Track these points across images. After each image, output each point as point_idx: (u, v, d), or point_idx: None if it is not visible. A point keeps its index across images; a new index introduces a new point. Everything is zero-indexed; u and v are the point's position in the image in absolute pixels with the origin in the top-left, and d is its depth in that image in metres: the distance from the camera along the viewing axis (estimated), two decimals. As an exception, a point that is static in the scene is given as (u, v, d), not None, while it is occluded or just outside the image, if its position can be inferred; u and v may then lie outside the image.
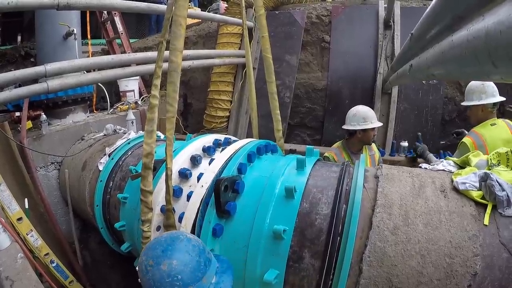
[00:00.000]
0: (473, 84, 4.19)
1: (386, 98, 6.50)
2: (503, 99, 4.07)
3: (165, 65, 2.67)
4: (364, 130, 4.23)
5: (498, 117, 4.14)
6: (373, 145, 4.59)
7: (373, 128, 4.27)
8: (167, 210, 2.55)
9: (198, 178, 2.76)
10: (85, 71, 4.82)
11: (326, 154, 4.32)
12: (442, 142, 6.23)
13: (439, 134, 6.48)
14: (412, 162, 5.24)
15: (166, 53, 2.61)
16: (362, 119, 4.23)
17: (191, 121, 8.94)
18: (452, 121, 6.63)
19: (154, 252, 1.59)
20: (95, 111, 6.56)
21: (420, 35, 2.91)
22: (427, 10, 2.33)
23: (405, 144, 5.54)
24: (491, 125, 3.97)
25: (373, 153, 4.53)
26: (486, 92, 4.03)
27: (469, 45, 1.64)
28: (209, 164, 2.89)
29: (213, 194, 2.38)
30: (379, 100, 6.48)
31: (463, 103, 4.40)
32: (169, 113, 2.46)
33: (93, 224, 4.24)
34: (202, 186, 2.60)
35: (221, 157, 2.84)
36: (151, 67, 5.00)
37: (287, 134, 7.47)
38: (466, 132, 4.44)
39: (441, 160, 2.72)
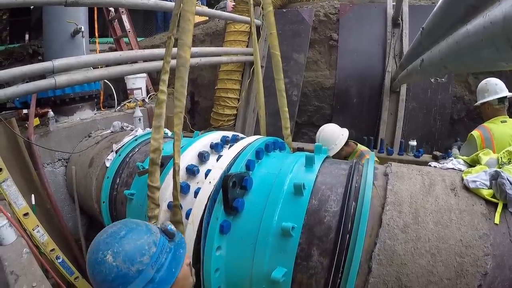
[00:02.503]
0: (479, 85, 4.38)
1: (394, 97, 6.47)
2: (509, 94, 4.19)
3: (173, 62, 2.67)
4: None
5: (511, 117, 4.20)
6: (367, 157, 4.45)
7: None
8: (174, 206, 2.53)
9: (206, 175, 2.75)
10: (91, 68, 4.83)
11: None
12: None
13: (447, 133, 6.45)
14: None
15: (174, 50, 2.60)
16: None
17: (198, 119, 8.97)
18: (460, 120, 6.60)
19: (95, 247, 1.53)
20: (102, 109, 6.58)
21: (431, 29, 2.88)
22: (439, 2, 2.30)
23: (413, 143, 5.50)
24: (502, 122, 4.07)
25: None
26: (488, 90, 4.20)
27: (486, 32, 1.62)
28: (217, 160, 2.88)
29: (221, 190, 2.36)
30: (387, 99, 6.46)
31: (474, 104, 4.64)
32: (177, 108, 2.45)
33: (99, 220, 4.24)
34: (210, 182, 2.59)
35: (229, 153, 2.82)
36: (158, 63, 5.01)
37: (294, 132, 7.47)
38: None
39: (450, 158, 2.70)
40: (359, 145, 4.69)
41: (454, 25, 2.22)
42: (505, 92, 4.12)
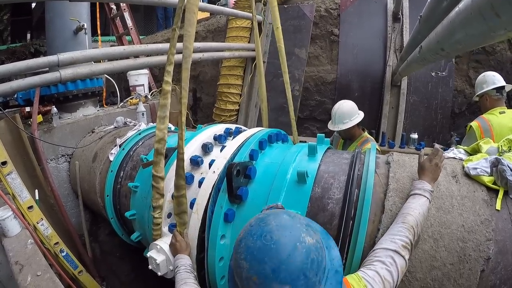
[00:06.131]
0: (477, 79, 4.41)
1: (395, 91, 6.47)
2: (506, 84, 4.20)
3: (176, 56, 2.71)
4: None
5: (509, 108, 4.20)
6: (369, 144, 4.40)
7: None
8: (179, 196, 2.55)
9: (210, 165, 2.77)
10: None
11: None
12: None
13: (448, 127, 6.45)
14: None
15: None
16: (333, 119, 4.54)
17: (201, 115, 9.00)
18: (461, 113, 6.60)
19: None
20: (105, 106, 6.61)
21: (428, 15, 2.94)
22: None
23: (414, 136, 5.51)
24: (500, 112, 4.06)
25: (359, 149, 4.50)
26: (486, 81, 4.23)
27: (473, 5, 1.68)
28: (221, 151, 2.90)
29: (225, 179, 2.39)
30: (388, 93, 6.46)
31: (473, 98, 4.62)
32: (184, 98, 2.47)
33: (103, 215, 4.26)
34: (214, 172, 2.61)
35: (232, 144, 2.85)
36: (162, 58, 5.02)
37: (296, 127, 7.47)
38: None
39: (451, 148, 2.72)
40: (366, 131, 4.70)
41: (448, 8, 2.27)
42: (503, 82, 4.15)
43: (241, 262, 1.36)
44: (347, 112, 4.40)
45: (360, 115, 4.45)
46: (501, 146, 2.43)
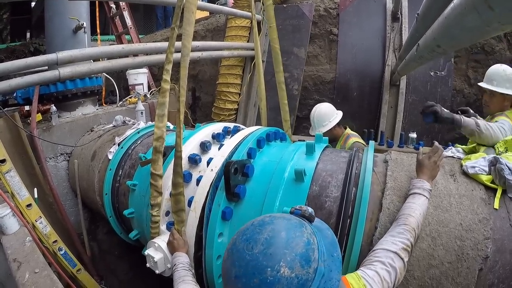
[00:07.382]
0: (499, 71, 3.55)
1: (394, 90, 6.47)
2: None
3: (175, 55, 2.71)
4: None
5: None
6: (351, 139, 4.45)
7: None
8: (177, 194, 2.55)
9: (208, 163, 2.77)
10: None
11: None
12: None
13: (447, 127, 6.44)
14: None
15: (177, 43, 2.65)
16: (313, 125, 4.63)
17: (200, 114, 8.99)
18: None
19: (253, 268, 1.24)
20: (104, 105, 6.60)
21: (425, 13, 2.95)
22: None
23: (413, 135, 5.50)
24: None
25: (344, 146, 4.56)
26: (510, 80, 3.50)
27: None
28: (219, 149, 2.89)
29: (223, 177, 2.38)
30: (387, 92, 6.45)
31: (490, 87, 3.62)
32: (182, 96, 2.47)
33: (101, 214, 4.26)
34: (212, 170, 2.61)
35: (230, 142, 2.85)
36: (161, 57, 5.01)
37: (295, 126, 7.49)
38: (472, 111, 4.11)
39: (450, 147, 2.72)
40: (348, 129, 4.76)
41: (444, 5, 2.27)
42: None
43: (226, 251, 1.38)
44: (325, 114, 4.50)
45: (338, 115, 4.55)
46: (498, 147, 2.44)
